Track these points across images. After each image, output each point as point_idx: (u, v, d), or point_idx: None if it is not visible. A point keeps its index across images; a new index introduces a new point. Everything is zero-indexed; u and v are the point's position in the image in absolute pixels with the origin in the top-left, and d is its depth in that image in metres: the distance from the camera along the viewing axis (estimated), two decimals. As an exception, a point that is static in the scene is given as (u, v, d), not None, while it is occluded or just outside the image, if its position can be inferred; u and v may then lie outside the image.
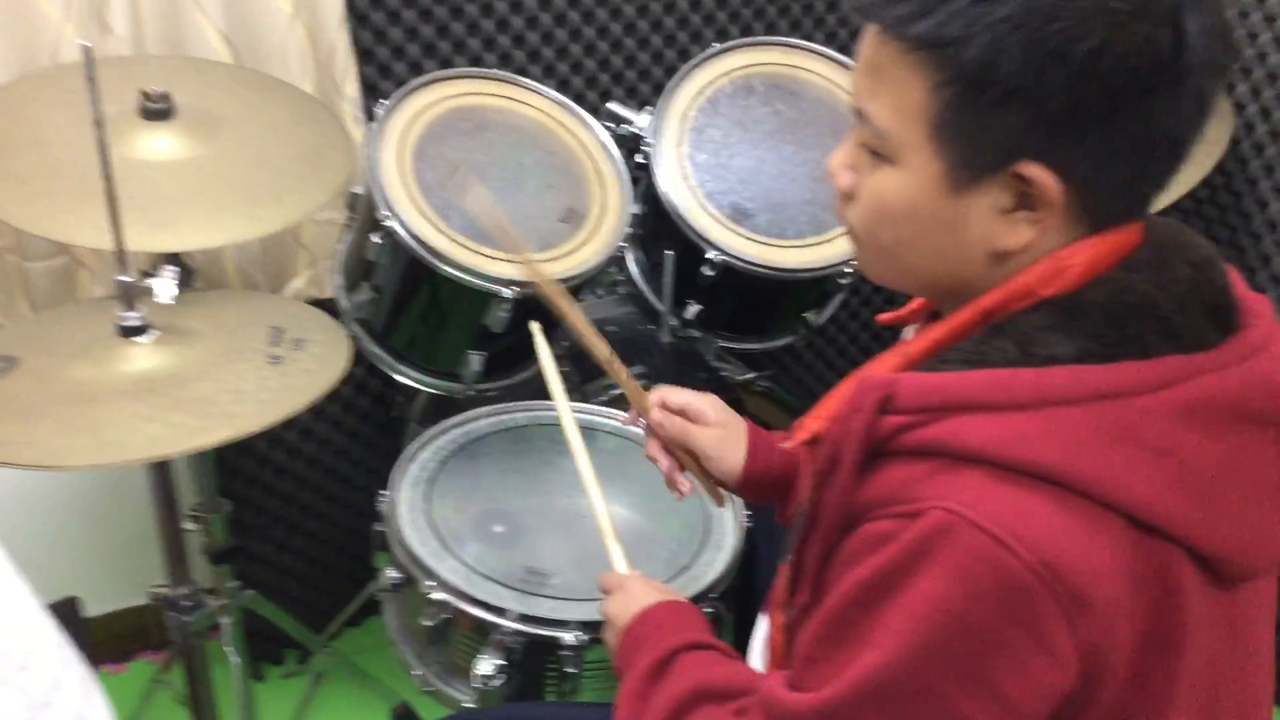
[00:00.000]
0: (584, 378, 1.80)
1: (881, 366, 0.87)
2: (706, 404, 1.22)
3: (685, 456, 1.22)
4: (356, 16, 1.81)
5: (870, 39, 0.80)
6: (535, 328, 1.37)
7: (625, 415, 1.29)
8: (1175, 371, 0.77)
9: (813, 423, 0.87)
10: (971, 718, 0.74)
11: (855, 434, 0.78)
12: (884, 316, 0.99)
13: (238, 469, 2.00)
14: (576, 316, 1.27)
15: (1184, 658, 0.79)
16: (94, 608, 1.98)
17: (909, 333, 0.99)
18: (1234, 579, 0.82)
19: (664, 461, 1.23)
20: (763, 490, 1.21)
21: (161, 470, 1.43)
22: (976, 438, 0.75)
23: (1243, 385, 0.79)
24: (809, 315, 1.89)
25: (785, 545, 0.92)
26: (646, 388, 1.25)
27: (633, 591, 1.11)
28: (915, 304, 0.97)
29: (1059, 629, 0.73)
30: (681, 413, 1.22)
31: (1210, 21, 0.75)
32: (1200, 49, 0.74)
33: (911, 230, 0.83)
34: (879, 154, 0.82)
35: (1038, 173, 0.77)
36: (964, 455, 0.75)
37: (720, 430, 1.21)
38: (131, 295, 1.22)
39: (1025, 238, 0.80)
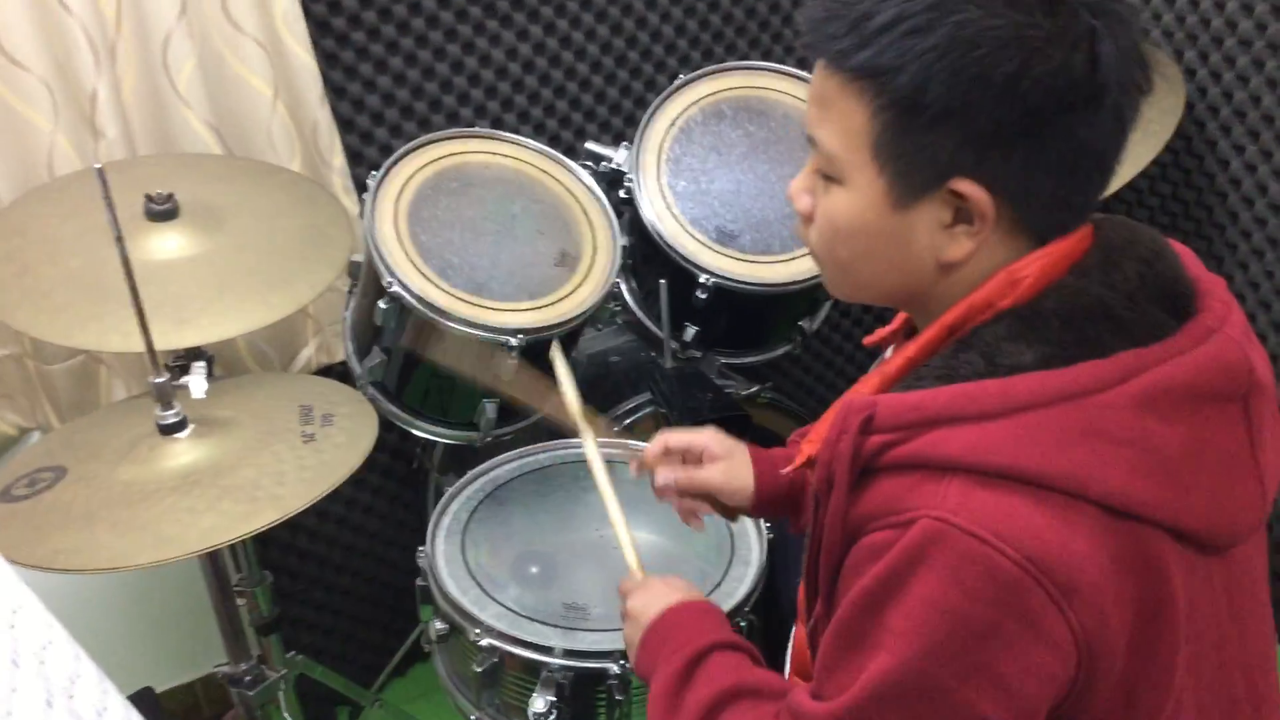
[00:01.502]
0: (598, 409, 1.86)
1: (864, 388, 0.94)
2: (707, 438, 1.28)
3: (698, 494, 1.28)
4: (333, 90, 1.87)
5: (818, 73, 0.88)
6: (556, 349, 1.43)
7: (632, 467, 1.32)
8: (1130, 366, 0.83)
9: (809, 446, 0.94)
10: (979, 707, 0.80)
11: (844, 455, 0.85)
12: (869, 339, 1.06)
13: (271, 537, 2.04)
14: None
15: (1180, 628, 0.84)
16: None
17: (889, 352, 1.05)
18: (1221, 547, 0.88)
19: (676, 502, 1.29)
20: (774, 508, 1.28)
21: (213, 556, 1.48)
22: (953, 448, 0.81)
23: (1197, 369, 0.84)
24: (803, 323, 1.95)
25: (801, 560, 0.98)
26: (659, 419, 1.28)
27: (654, 588, 1.15)
28: (896, 323, 1.04)
29: (1052, 616, 0.79)
30: (687, 451, 1.28)
31: (1124, 45, 0.82)
32: (1115, 70, 0.81)
33: (863, 245, 0.90)
34: (830, 176, 0.90)
35: (970, 188, 0.84)
36: (943, 465, 0.81)
37: (725, 463, 1.26)
38: (167, 394, 1.27)
39: (965, 249, 0.87)
